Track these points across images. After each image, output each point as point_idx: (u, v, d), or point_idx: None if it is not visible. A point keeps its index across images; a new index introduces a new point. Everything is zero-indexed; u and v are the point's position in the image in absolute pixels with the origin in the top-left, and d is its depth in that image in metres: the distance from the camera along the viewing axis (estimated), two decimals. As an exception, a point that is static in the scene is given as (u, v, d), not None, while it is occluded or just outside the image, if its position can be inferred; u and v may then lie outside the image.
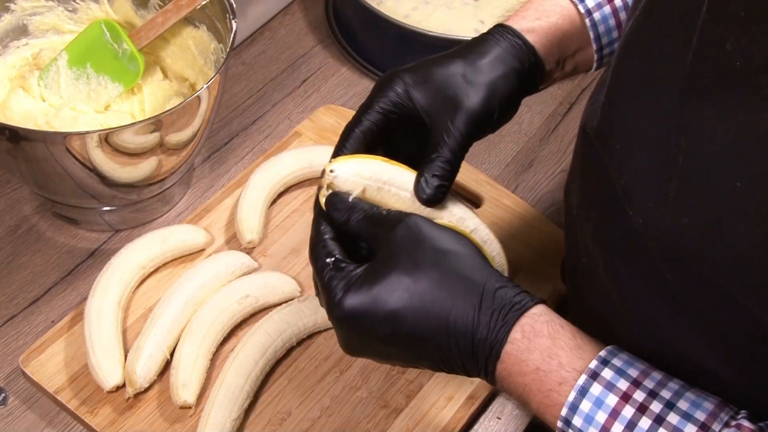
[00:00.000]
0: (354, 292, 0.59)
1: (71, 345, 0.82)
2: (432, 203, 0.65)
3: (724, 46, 0.48)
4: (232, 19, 0.88)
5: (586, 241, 0.64)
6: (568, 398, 0.56)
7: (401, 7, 1.11)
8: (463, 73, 0.68)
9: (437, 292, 0.59)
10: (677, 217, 0.51)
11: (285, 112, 1.06)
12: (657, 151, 0.53)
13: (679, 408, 0.54)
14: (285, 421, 0.79)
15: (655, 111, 0.54)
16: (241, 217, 0.90)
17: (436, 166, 0.65)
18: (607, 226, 0.60)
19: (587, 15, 0.73)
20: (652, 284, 0.56)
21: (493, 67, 0.69)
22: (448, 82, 0.67)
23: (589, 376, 0.56)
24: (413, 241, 0.60)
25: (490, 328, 0.58)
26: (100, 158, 0.81)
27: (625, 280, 0.59)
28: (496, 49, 0.70)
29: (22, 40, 0.96)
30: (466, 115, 0.66)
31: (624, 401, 0.55)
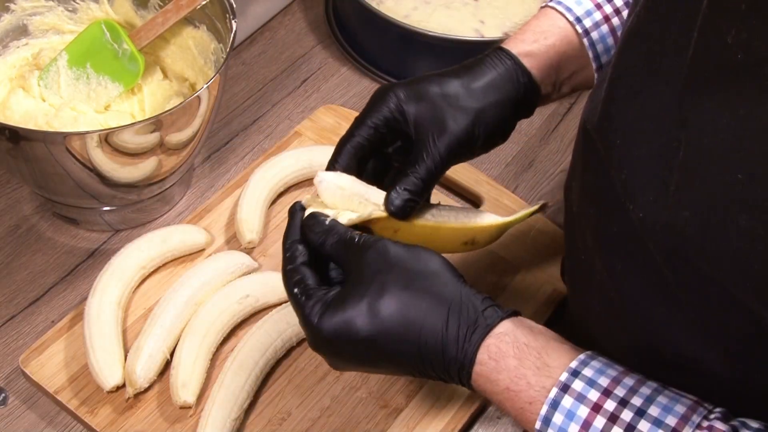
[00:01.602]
0: (328, 317, 0.61)
1: (71, 345, 0.82)
2: (398, 216, 0.67)
3: (725, 39, 0.48)
4: (232, 19, 0.88)
5: (585, 239, 0.64)
6: (541, 411, 0.57)
7: (401, 7, 1.11)
8: (456, 94, 0.69)
9: (407, 314, 0.60)
10: (678, 210, 0.52)
11: (285, 112, 1.06)
12: (657, 145, 0.53)
13: (649, 415, 0.55)
14: (285, 421, 0.79)
15: (656, 105, 0.54)
16: (241, 217, 0.90)
17: (409, 181, 0.67)
18: (606, 222, 0.60)
19: (585, 35, 0.74)
20: (650, 280, 0.56)
21: (486, 94, 0.70)
22: (440, 103, 0.69)
23: (560, 389, 0.57)
24: (382, 265, 0.62)
25: (459, 348, 0.60)
26: (100, 158, 0.81)
27: (622, 277, 0.59)
28: (492, 73, 0.71)
29: (22, 40, 0.96)
30: (449, 139, 0.68)
31: (595, 412, 0.56)
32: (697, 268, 0.51)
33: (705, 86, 0.50)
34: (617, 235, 0.59)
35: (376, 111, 0.70)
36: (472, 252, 0.91)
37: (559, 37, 0.74)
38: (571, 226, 0.69)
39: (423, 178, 0.67)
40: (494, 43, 1.04)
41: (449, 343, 0.60)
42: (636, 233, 0.55)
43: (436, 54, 1.06)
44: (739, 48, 0.47)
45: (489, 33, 1.08)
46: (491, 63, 0.72)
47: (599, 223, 0.62)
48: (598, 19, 0.74)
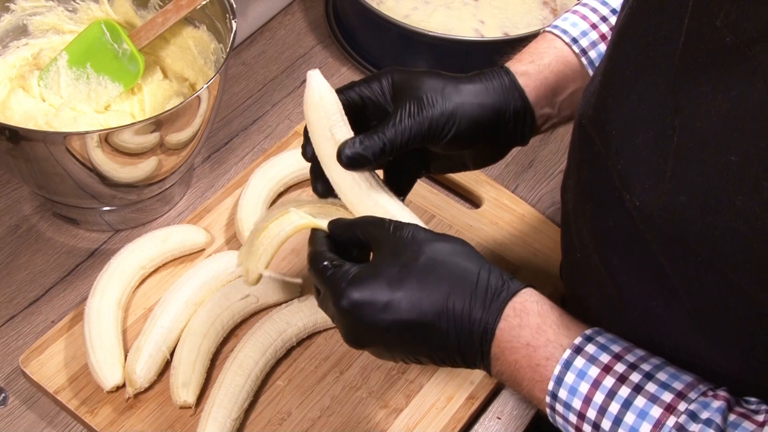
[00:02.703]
0: (356, 284, 0.62)
1: (71, 345, 0.82)
2: (346, 165, 0.67)
3: (714, 22, 0.49)
4: (232, 19, 0.88)
5: (582, 236, 0.65)
6: (554, 372, 0.59)
7: (401, 7, 1.11)
8: (444, 86, 0.70)
9: (436, 281, 0.62)
10: (674, 195, 0.52)
11: (285, 112, 1.06)
12: (653, 133, 0.54)
13: (657, 378, 0.56)
14: (285, 421, 0.79)
15: (651, 94, 0.55)
16: (241, 217, 0.90)
17: (370, 138, 0.67)
18: (602, 216, 0.61)
19: (583, 54, 0.75)
20: (647, 272, 0.57)
21: (473, 94, 0.71)
22: (425, 89, 0.70)
23: (573, 350, 0.59)
24: (413, 241, 0.63)
25: (485, 308, 0.61)
26: (100, 158, 0.81)
27: (620, 271, 0.60)
28: (486, 82, 0.72)
29: (22, 40, 0.96)
30: (422, 116, 0.68)
31: (605, 372, 0.58)
32: (695, 253, 0.52)
33: (697, 71, 0.51)
34: (613, 229, 0.60)
35: (367, 81, 0.72)
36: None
37: (554, 57, 0.75)
38: (568, 225, 0.70)
39: (384, 140, 0.67)
40: (494, 43, 1.05)
41: (476, 306, 0.61)
42: (632, 224, 0.56)
43: (436, 54, 1.06)
44: (728, 30, 0.48)
45: (489, 33, 1.08)
46: (489, 75, 0.73)
47: (595, 218, 0.63)
48: (594, 38, 0.75)
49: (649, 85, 0.55)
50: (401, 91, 0.70)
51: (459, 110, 0.69)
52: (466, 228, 0.93)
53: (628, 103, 0.57)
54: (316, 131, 0.69)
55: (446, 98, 0.69)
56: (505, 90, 0.72)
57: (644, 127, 0.55)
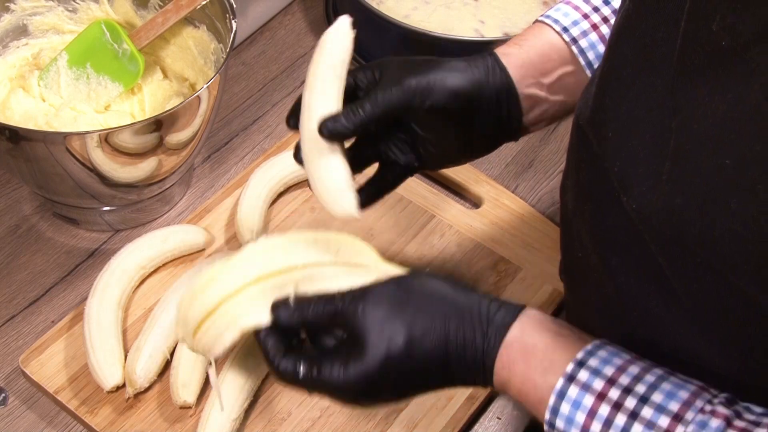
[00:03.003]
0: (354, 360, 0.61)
1: (71, 345, 0.82)
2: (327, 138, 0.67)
3: (710, 25, 0.49)
4: (232, 19, 0.88)
5: (581, 236, 0.65)
6: (549, 402, 0.58)
7: (401, 7, 1.11)
8: (425, 62, 0.72)
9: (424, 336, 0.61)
10: (671, 197, 0.52)
11: (285, 112, 1.05)
12: (650, 135, 0.54)
13: (653, 401, 0.56)
14: (285, 421, 0.79)
15: (648, 95, 0.55)
16: (241, 217, 0.90)
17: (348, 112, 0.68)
18: (601, 217, 0.61)
19: (573, 43, 0.74)
20: (646, 272, 0.57)
21: (453, 69, 0.72)
22: (406, 64, 0.72)
23: (566, 379, 0.58)
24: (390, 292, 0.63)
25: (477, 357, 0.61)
26: (100, 158, 0.81)
27: (619, 271, 0.60)
28: (468, 62, 0.73)
29: (22, 40, 0.96)
30: (399, 86, 0.69)
31: (600, 400, 0.57)
32: (693, 254, 0.52)
33: (694, 73, 0.51)
34: (612, 229, 0.59)
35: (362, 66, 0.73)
36: (472, 252, 0.91)
37: (540, 40, 0.75)
38: (567, 225, 0.70)
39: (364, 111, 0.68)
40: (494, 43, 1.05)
41: (468, 354, 0.61)
42: (631, 224, 0.56)
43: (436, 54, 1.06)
44: (725, 33, 0.48)
45: (489, 33, 1.08)
46: (472, 57, 0.74)
47: (594, 219, 0.62)
48: (585, 27, 0.74)
49: (646, 86, 0.55)
50: (387, 69, 0.71)
51: (437, 80, 0.70)
52: (466, 228, 0.93)
53: (626, 105, 0.57)
54: (315, 76, 0.69)
55: (425, 70, 0.71)
56: (486, 68, 0.73)
57: (641, 128, 0.55)
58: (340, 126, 0.68)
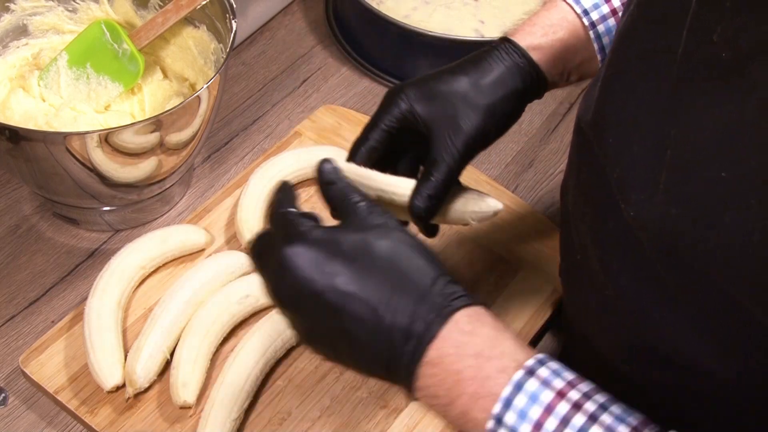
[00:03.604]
0: (310, 235, 0.58)
1: (71, 345, 0.82)
2: (423, 219, 0.69)
3: (711, 37, 0.49)
4: (232, 19, 0.88)
5: (581, 237, 0.65)
6: (503, 393, 0.54)
7: (401, 7, 1.11)
8: (465, 92, 0.70)
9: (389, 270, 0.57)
10: (667, 208, 0.52)
11: (285, 112, 1.06)
12: (649, 144, 0.54)
13: (612, 411, 0.54)
14: (285, 421, 0.79)
15: (648, 104, 0.55)
16: (241, 217, 0.90)
17: (430, 185, 0.69)
18: (601, 220, 0.60)
19: (591, 27, 0.75)
20: (645, 278, 0.56)
21: (495, 89, 0.71)
22: (450, 101, 0.70)
23: (526, 372, 0.55)
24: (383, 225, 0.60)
25: (432, 309, 0.56)
26: (100, 158, 0.81)
27: (618, 275, 0.60)
28: (500, 67, 0.72)
29: (22, 40, 0.96)
30: (465, 138, 0.70)
31: (560, 397, 0.54)
32: (690, 265, 0.52)
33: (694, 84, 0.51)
34: (612, 233, 0.59)
35: (388, 113, 0.71)
36: (472, 252, 0.91)
37: (567, 31, 0.75)
38: (567, 226, 0.69)
39: (443, 179, 0.69)
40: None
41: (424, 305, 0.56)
42: (630, 231, 0.56)
43: (436, 54, 1.06)
44: (725, 46, 0.48)
45: (489, 33, 1.08)
46: (499, 57, 0.73)
47: (594, 222, 0.62)
48: (605, 12, 0.74)
49: (647, 94, 0.55)
50: (427, 112, 0.71)
51: (491, 113, 0.71)
52: (466, 228, 0.93)
53: (627, 111, 0.57)
54: None
55: (475, 107, 0.70)
56: (522, 72, 0.73)
57: (641, 136, 0.55)
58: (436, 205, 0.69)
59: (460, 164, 0.70)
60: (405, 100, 0.71)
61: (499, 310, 0.87)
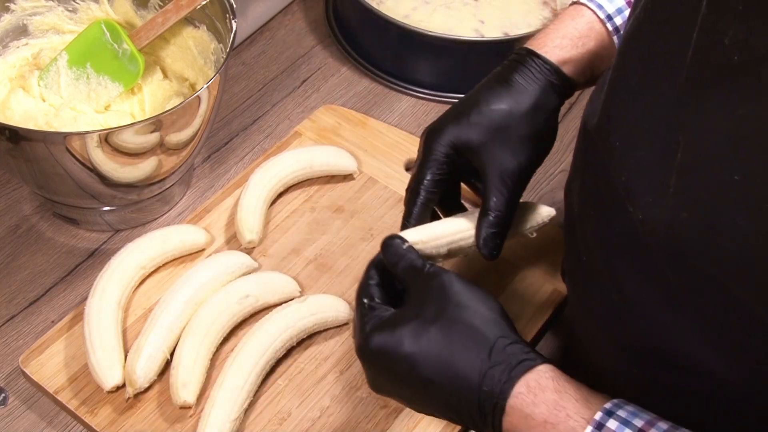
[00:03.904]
0: (378, 332, 0.63)
1: (71, 345, 0.82)
2: (492, 257, 0.72)
3: (722, 40, 0.48)
4: (232, 19, 0.88)
5: (587, 239, 0.64)
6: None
7: (401, 7, 1.11)
8: (508, 125, 0.72)
9: (451, 342, 0.61)
10: (676, 211, 0.52)
11: (285, 112, 1.06)
12: (657, 147, 0.54)
13: None
14: (285, 421, 0.79)
15: (656, 107, 0.54)
16: (241, 217, 0.90)
17: (491, 222, 0.71)
18: (607, 223, 0.60)
19: (615, 32, 0.75)
20: (652, 281, 0.56)
21: (537, 115, 0.73)
22: (495, 137, 0.72)
23: (594, 427, 0.56)
24: (441, 294, 0.63)
25: (495, 381, 0.59)
26: (100, 158, 0.81)
27: (624, 278, 0.59)
28: (535, 88, 0.73)
29: (22, 40, 0.96)
30: (518, 171, 0.73)
31: None
32: (698, 268, 0.51)
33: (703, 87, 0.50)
34: (618, 236, 0.59)
35: (434, 161, 0.74)
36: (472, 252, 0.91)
37: (596, 41, 0.75)
38: (572, 228, 0.69)
39: (502, 213, 0.72)
40: (494, 43, 1.05)
41: (486, 377, 0.60)
42: (637, 234, 0.55)
43: (436, 54, 1.06)
44: (737, 49, 0.48)
45: (489, 33, 1.08)
46: (531, 76, 0.74)
47: (600, 224, 0.62)
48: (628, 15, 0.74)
49: (654, 97, 0.55)
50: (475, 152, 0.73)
51: (537, 141, 0.74)
52: (466, 228, 0.93)
53: (633, 115, 0.57)
54: None
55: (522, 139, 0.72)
56: (557, 89, 0.74)
57: (648, 140, 0.55)
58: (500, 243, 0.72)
59: (516, 196, 0.73)
60: (447, 144, 0.73)
61: (499, 310, 0.87)
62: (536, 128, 0.73)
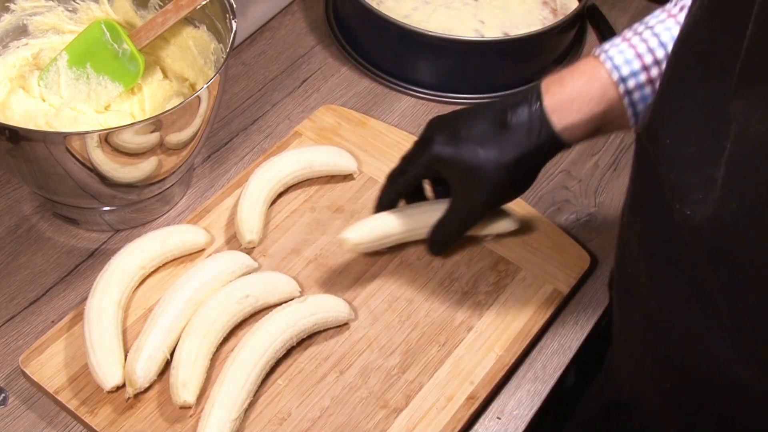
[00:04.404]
0: None
1: (71, 345, 0.82)
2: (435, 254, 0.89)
3: None
4: (232, 19, 0.88)
5: (632, 249, 0.65)
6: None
7: (401, 7, 1.11)
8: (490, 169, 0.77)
9: None
10: (724, 203, 0.52)
11: (285, 112, 1.06)
12: (707, 141, 0.54)
13: None
14: (285, 421, 0.79)
15: (707, 102, 0.55)
16: (241, 217, 0.90)
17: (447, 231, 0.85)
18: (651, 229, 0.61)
19: (626, 95, 0.74)
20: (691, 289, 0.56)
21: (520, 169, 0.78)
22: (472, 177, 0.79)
23: None
24: None
25: None
26: (100, 158, 0.81)
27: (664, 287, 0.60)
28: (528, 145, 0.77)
29: (22, 40, 0.96)
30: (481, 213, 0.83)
31: None
32: (741, 270, 0.51)
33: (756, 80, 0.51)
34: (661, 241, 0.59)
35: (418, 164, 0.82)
36: (472, 251, 0.91)
37: (606, 105, 0.74)
38: (621, 238, 0.70)
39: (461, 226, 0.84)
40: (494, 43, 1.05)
41: None
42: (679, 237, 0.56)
43: (436, 54, 1.06)
44: None
45: (489, 33, 1.08)
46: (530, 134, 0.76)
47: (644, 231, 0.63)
48: (642, 80, 0.73)
49: (707, 92, 0.55)
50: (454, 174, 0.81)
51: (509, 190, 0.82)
52: (466, 228, 0.93)
53: (684, 111, 0.57)
54: None
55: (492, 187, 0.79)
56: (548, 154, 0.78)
57: (698, 135, 0.55)
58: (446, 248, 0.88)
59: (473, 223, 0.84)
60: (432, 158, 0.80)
61: (499, 310, 0.87)
62: (514, 179, 0.79)
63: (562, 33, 1.09)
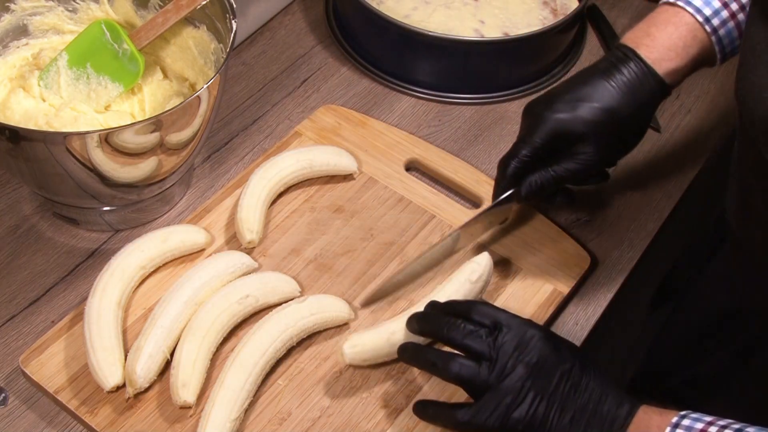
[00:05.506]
0: None
1: (71, 345, 0.82)
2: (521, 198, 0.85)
3: None
4: (232, 19, 0.88)
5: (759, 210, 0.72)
6: None
7: (401, 7, 1.11)
8: (612, 123, 0.79)
9: None
10: None
11: (285, 112, 1.06)
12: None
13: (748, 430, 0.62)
14: (285, 421, 0.79)
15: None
16: (241, 217, 0.90)
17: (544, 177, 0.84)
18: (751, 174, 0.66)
19: (713, 33, 0.80)
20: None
21: (637, 118, 0.81)
22: (600, 131, 0.80)
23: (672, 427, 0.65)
24: None
25: None
26: (100, 158, 0.81)
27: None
28: (640, 94, 0.80)
29: (22, 40, 0.96)
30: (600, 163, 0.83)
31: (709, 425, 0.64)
32: None
33: None
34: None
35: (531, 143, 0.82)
36: (472, 252, 0.91)
37: (698, 49, 0.80)
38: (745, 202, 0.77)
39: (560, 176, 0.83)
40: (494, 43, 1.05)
41: None
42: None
43: (436, 54, 1.06)
44: None
45: (489, 33, 1.08)
46: (637, 82, 0.79)
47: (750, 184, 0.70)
48: (725, 17, 0.78)
49: None
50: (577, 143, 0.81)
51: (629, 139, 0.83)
52: (466, 228, 0.93)
53: None
54: None
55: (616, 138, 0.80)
56: (657, 98, 0.81)
57: None
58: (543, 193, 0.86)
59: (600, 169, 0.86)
60: (549, 132, 0.80)
61: (499, 310, 0.87)
62: (633, 129, 0.81)
63: (562, 33, 1.09)
